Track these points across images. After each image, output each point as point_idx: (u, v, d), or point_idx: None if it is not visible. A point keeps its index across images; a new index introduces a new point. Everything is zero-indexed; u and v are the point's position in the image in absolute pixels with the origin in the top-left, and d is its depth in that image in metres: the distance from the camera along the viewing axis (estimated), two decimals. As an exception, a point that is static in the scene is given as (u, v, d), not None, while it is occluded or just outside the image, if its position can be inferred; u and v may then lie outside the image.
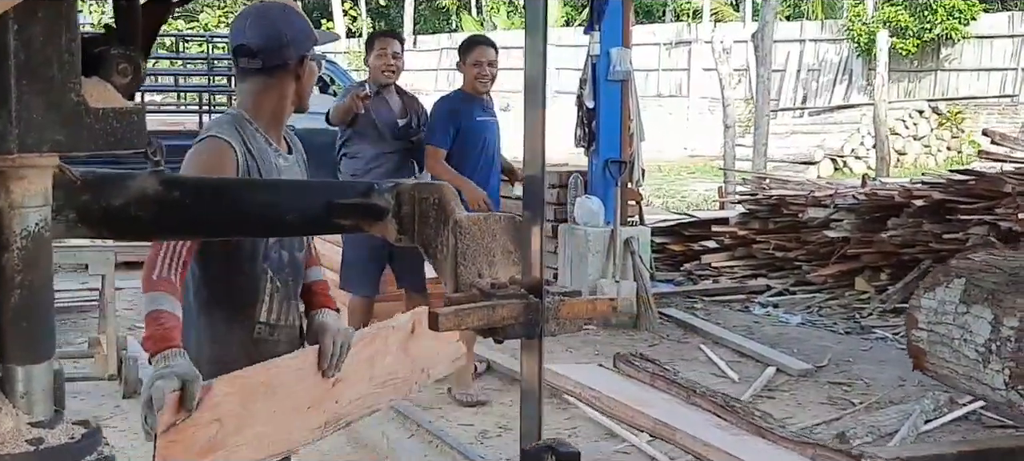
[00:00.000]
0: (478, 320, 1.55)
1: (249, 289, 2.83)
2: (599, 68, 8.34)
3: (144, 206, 1.71)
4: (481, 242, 1.70)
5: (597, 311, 1.61)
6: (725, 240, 10.46)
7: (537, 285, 1.55)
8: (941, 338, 2.85)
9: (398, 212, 1.77)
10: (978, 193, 8.14)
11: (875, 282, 8.99)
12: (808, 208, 9.66)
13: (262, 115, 2.83)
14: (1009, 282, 2.72)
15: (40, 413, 1.25)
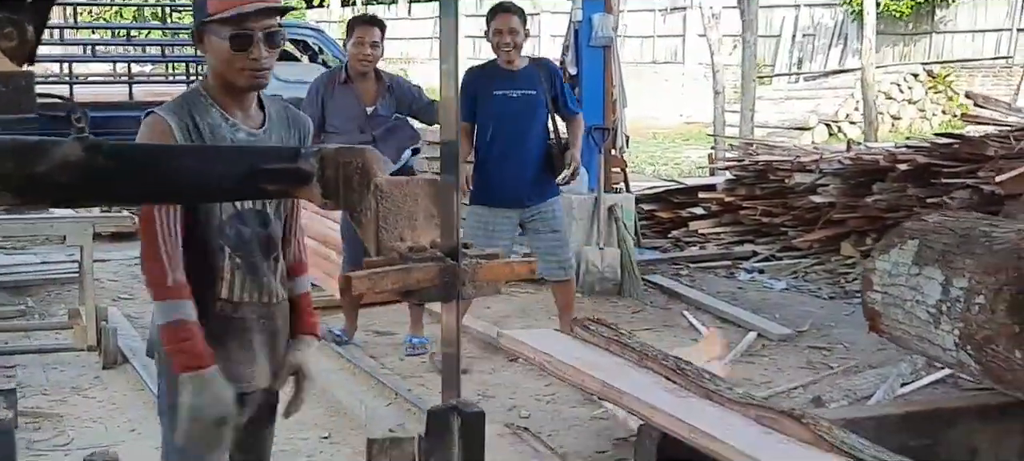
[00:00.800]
0: (393, 283, 1.56)
1: (207, 266, 2.79)
2: (581, 34, 8.33)
3: (68, 172, 1.71)
4: (403, 206, 1.71)
5: (515, 273, 1.62)
6: (712, 207, 10.49)
7: (454, 248, 1.56)
8: (894, 300, 2.88)
9: (322, 176, 1.77)
10: (962, 156, 8.15)
11: (860, 247, 9.01)
12: (794, 174, 9.69)
13: (214, 89, 2.79)
14: (959, 243, 2.74)
15: None
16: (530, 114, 6.48)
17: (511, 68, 6.46)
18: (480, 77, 6.54)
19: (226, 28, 2.68)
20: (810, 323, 7.44)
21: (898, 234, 2.93)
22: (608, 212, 8.46)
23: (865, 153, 9.59)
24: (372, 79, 6.63)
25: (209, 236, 2.76)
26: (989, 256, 2.64)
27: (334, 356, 6.46)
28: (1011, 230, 2.70)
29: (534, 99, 6.46)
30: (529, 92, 6.46)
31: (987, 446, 2.66)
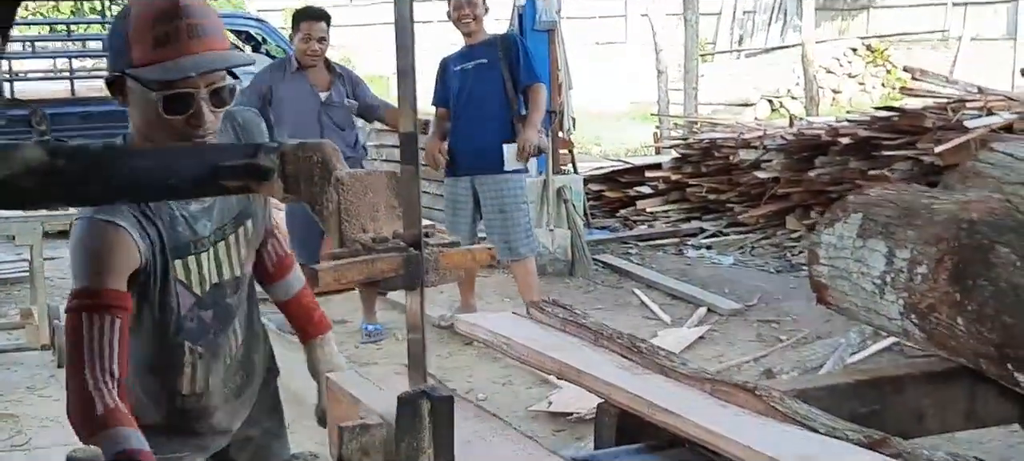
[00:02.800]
0: (358, 274, 1.58)
1: (168, 363, 2.46)
2: (525, 18, 8.36)
3: (30, 176, 1.71)
4: (363, 198, 1.74)
5: (476, 261, 1.66)
6: (659, 185, 10.57)
7: (417, 238, 1.59)
8: (840, 272, 2.93)
9: (283, 171, 1.79)
10: (902, 129, 8.27)
11: (805, 220, 9.12)
12: (739, 150, 9.78)
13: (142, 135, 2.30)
14: (901, 215, 2.80)
15: None
16: (483, 86, 6.52)
17: (471, 42, 6.56)
18: (448, 59, 6.64)
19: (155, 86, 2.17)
20: (759, 297, 7.54)
21: (842, 208, 2.99)
22: (557, 194, 8.51)
23: (807, 128, 9.71)
24: (322, 68, 6.65)
25: (166, 334, 2.42)
26: (930, 227, 2.70)
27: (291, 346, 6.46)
28: (950, 201, 2.76)
29: (486, 69, 6.51)
30: (481, 62, 6.52)
31: (933, 411, 2.72)
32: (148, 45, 2.15)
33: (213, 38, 2.19)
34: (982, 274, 2.55)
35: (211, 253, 2.42)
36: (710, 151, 10.20)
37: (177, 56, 2.15)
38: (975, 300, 2.55)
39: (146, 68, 2.16)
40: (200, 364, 2.48)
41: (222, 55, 2.22)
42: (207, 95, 2.20)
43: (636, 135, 17.94)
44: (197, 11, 2.18)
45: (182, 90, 2.17)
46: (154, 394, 2.50)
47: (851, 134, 8.65)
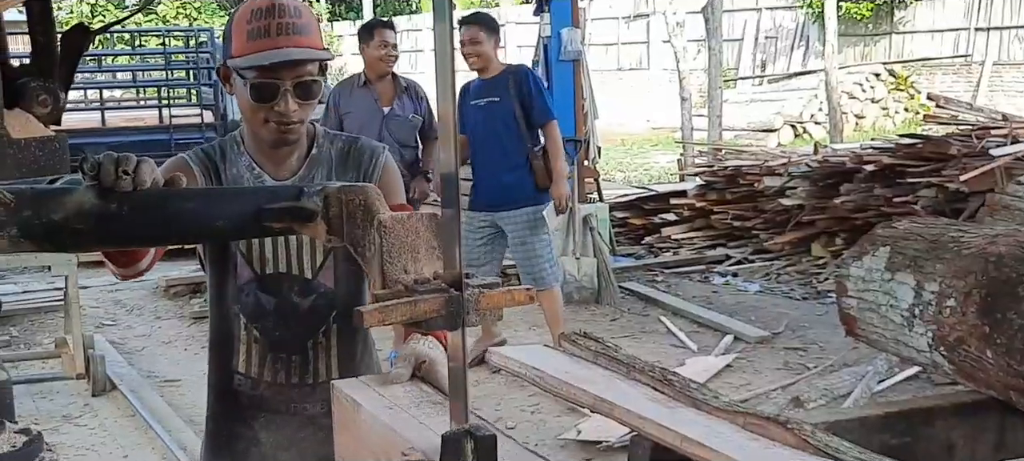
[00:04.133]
0: (401, 315, 1.60)
1: (225, 333, 2.54)
2: (551, 49, 8.41)
3: (83, 219, 1.75)
4: (405, 240, 1.76)
5: (515, 300, 1.67)
6: (684, 212, 10.56)
7: (458, 279, 1.61)
8: (869, 305, 2.94)
9: (326, 214, 1.82)
10: (926, 156, 8.26)
11: (830, 247, 9.12)
12: (763, 177, 9.77)
13: (246, 135, 2.51)
14: (929, 249, 2.80)
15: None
16: (497, 123, 6.53)
17: (484, 77, 6.59)
18: (467, 87, 6.65)
19: (250, 73, 2.34)
20: (785, 324, 7.53)
21: (870, 241, 2.99)
22: (583, 222, 8.52)
23: (832, 155, 9.70)
24: (389, 81, 6.72)
25: (226, 301, 2.51)
26: (958, 260, 2.71)
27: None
28: (978, 235, 2.77)
29: (498, 107, 6.53)
30: (493, 99, 6.55)
31: (963, 442, 2.71)
32: (244, 38, 2.35)
33: (301, 35, 2.35)
34: (1011, 307, 2.55)
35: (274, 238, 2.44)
36: (735, 178, 10.19)
37: (265, 49, 2.32)
38: (1004, 333, 2.55)
39: (240, 58, 2.35)
40: (255, 348, 2.51)
41: (303, 51, 2.35)
42: (292, 87, 2.35)
43: (659, 161, 17.94)
44: (289, 10, 2.35)
45: (268, 80, 2.34)
46: (216, 372, 2.58)
47: (875, 161, 8.65)
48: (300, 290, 2.50)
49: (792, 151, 11.51)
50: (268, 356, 2.51)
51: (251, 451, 2.56)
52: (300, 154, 2.53)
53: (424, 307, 1.60)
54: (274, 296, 2.49)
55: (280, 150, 2.48)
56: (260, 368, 2.52)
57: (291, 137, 2.44)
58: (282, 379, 2.52)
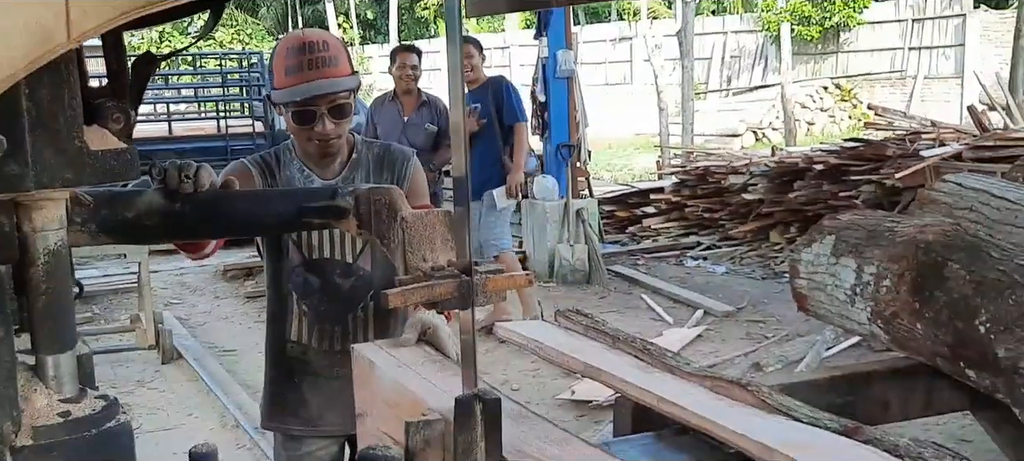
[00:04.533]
0: (420, 297, 1.60)
1: (279, 308, 2.60)
2: (548, 68, 8.39)
3: (151, 217, 1.76)
4: (423, 234, 1.77)
5: (516, 284, 1.67)
6: (661, 206, 10.55)
7: (468, 266, 1.61)
8: (817, 285, 2.94)
9: (357, 211, 1.83)
10: (866, 157, 8.25)
11: (786, 235, 9.10)
12: (728, 176, 9.76)
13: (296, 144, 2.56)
14: (868, 237, 2.80)
15: (67, 391, 1.31)
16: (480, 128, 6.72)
17: (472, 88, 6.73)
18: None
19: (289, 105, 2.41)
20: (747, 300, 7.53)
21: (818, 231, 2.99)
22: (576, 215, 8.52)
23: (786, 157, 9.68)
24: (413, 95, 6.78)
25: (280, 281, 2.58)
26: (892, 247, 2.71)
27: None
28: (910, 225, 2.77)
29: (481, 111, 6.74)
30: (477, 106, 6.73)
31: (897, 401, 2.72)
32: (282, 74, 2.41)
33: (330, 67, 2.39)
34: (937, 287, 2.55)
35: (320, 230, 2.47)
36: (704, 176, 10.19)
37: (299, 83, 2.38)
38: (932, 308, 2.55)
39: (280, 91, 2.42)
40: (305, 320, 2.55)
41: (332, 82, 2.40)
42: (326, 110, 2.41)
43: (641, 162, 17.91)
44: (318, 46, 2.39)
45: (305, 108, 2.40)
46: (272, 340, 2.62)
47: (824, 162, 8.64)
48: (342, 272, 2.54)
49: (753, 153, 11.48)
50: (315, 327, 2.56)
51: (301, 408, 2.61)
52: (342, 159, 2.58)
53: (440, 290, 1.60)
54: (320, 277, 2.54)
55: (324, 159, 2.54)
56: (308, 337, 2.57)
57: (331, 150, 2.50)
58: (326, 346, 2.57)
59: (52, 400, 1.28)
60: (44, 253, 1.26)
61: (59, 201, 1.26)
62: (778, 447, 1.92)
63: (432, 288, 1.61)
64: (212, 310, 8.10)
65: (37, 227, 1.24)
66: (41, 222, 1.24)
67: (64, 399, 1.29)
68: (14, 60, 1.04)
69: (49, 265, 1.27)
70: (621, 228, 10.70)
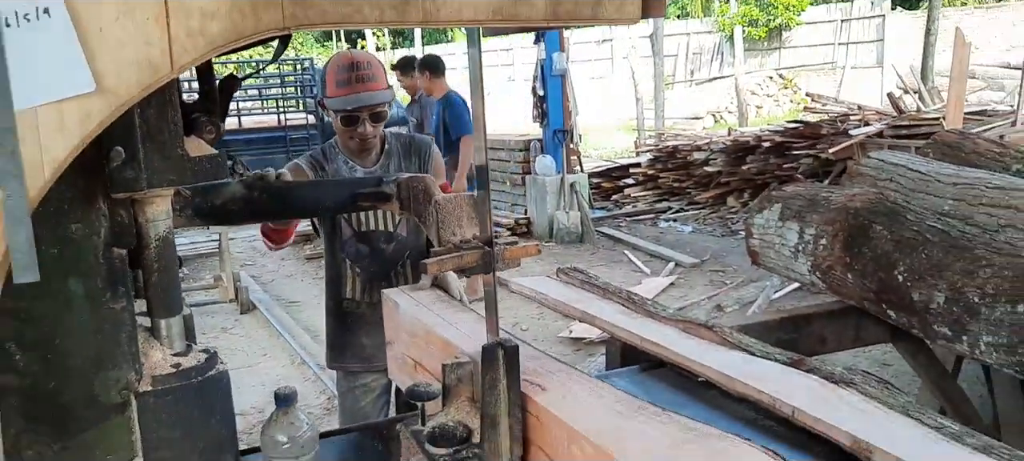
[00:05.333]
0: (452, 265, 1.61)
1: (336, 273, 2.65)
2: (546, 67, 8.36)
3: (235, 203, 1.77)
4: (453, 213, 1.77)
5: (528, 253, 1.68)
6: (639, 177, 10.53)
7: (490, 239, 1.62)
8: (768, 244, 2.95)
9: (399, 196, 1.85)
10: (805, 135, 8.22)
11: (740, 199, 9.10)
12: (693, 152, 9.73)
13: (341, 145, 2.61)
14: (808, 205, 2.81)
15: (177, 347, 1.32)
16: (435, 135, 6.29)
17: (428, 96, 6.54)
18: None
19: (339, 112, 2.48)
20: (710, 254, 7.54)
21: (767, 199, 3.00)
22: (570, 187, 8.52)
23: (740, 136, 9.65)
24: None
25: (335, 250, 2.63)
26: (828, 212, 2.72)
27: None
28: (841, 195, 2.77)
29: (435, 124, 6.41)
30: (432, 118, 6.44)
31: (832, 336, 2.74)
32: (334, 85, 2.47)
33: (372, 82, 2.47)
34: (864, 244, 2.57)
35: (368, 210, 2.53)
36: (674, 153, 10.16)
37: (347, 94, 2.44)
38: (859, 262, 2.57)
39: (331, 99, 2.48)
40: (358, 280, 2.61)
41: (373, 95, 2.47)
42: (367, 117, 2.48)
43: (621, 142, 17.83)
44: (363, 65, 2.46)
45: (351, 114, 2.46)
46: (331, 299, 2.67)
47: (771, 140, 8.61)
48: (385, 240, 2.60)
49: (712, 133, 11.43)
50: (366, 286, 2.61)
51: (357, 350, 2.68)
52: (377, 151, 2.62)
53: (467, 259, 1.61)
54: (368, 245, 2.59)
55: (362, 154, 2.58)
56: (361, 294, 2.63)
57: (369, 146, 2.55)
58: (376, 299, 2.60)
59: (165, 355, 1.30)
60: (155, 239, 1.27)
61: (166, 197, 1.27)
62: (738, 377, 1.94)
63: (461, 257, 1.63)
64: (279, 269, 8.14)
65: (149, 218, 1.26)
66: (152, 214, 1.26)
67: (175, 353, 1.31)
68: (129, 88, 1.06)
69: (159, 248, 1.28)
70: (606, 196, 10.69)
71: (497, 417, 1.49)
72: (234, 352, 5.55)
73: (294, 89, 14.02)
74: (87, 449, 1.21)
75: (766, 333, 2.51)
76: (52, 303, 1.17)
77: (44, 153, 1.03)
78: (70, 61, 1.01)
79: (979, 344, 2.20)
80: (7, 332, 1.13)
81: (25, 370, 1.16)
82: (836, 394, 1.84)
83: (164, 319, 1.31)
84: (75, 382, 1.20)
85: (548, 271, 6.38)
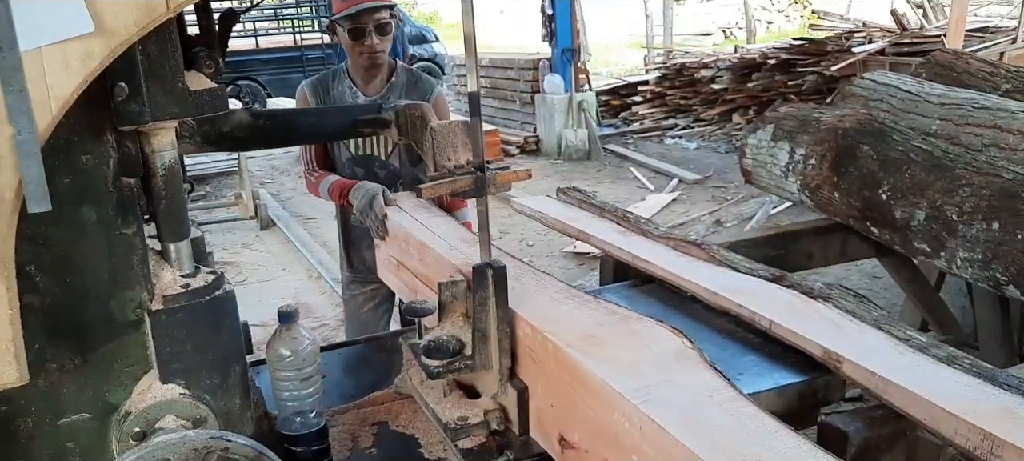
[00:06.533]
0: (446, 189, 1.63)
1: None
2: (554, -13, 8.24)
3: (241, 130, 1.79)
4: (448, 140, 1.78)
5: (519, 177, 1.70)
6: (647, 95, 10.45)
7: (482, 164, 1.64)
8: (760, 163, 2.97)
9: (397, 122, 1.87)
10: (810, 53, 8.10)
11: (746, 117, 9.04)
12: (700, 70, 9.63)
13: (349, 66, 2.63)
14: (799, 126, 2.81)
15: (186, 269, 1.37)
16: None
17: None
18: None
19: (346, 23, 2.50)
20: (713, 170, 7.54)
21: (761, 120, 3.00)
22: (577, 105, 8.48)
23: (746, 54, 9.52)
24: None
25: (337, 172, 2.69)
26: (818, 133, 2.72)
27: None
28: (831, 115, 2.77)
29: None
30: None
31: (818, 252, 2.77)
32: (340, 1, 2.51)
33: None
34: (851, 164, 2.57)
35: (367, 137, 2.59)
36: (681, 71, 10.05)
37: (353, 4, 2.48)
38: (846, 181, 2.58)
39: (338, 13, 2.51)
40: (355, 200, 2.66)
41: (375, 3, 2.49)
42: (373, 27, 2.50)
43: (631, 59, 17.61)
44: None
45: (357, 26, 2.48)
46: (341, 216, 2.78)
47: (776, 57, 8.50)
48: (379, 165, 2.66)
49: (720, 51, 11.27)
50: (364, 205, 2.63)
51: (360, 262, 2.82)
52: (382, 78, 2.63)
53: (461, 184, 1.63)
54: (363, 168, 2.64)
55: (370, 72, 2.58)
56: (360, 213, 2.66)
57: (378, 61, 2.56)
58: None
59: (175, 275, 1.36)
60: (161, 168, 1.31)
61: (169, 129, 1.31)
62: (720, 292, 1.99)
63: (454, 181, 1.65)
64: (297, 187, 8.21)
65: (155, 149, 1.30)
66: (157, 145, 1.30)
67: (184, 275, 1.36)
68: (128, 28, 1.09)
69: (166, 176, 1.32)
70: (614, 114, 10.64)
71: (487, 332, 1.55)
72: (254, 266, 5.65)
73: (309, 9, 13.87)
74: (106, 362, 1.28)
75: (755, 250, 2.53)
76: (67, 229, 1.23)
77: (50, 91, 1.06)
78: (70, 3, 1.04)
79: (956, 260, 2.23)
80: (28, 256, 1.19)
81: (46, 291, 1.22)
82: (812, 308, 1.88)
83: (173, 243, 1.36)
84: (92, 301, 1.26)
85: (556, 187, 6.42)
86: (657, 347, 1.36)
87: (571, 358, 1.34)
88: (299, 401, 1.53)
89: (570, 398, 1.35)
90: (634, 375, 1.25)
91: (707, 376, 1.26)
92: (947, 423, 1.40)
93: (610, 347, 1.36)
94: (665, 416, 1.14)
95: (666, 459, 1.10)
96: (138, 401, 1.30)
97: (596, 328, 1.43)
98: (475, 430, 1.57)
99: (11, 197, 1.07)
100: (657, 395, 1.19)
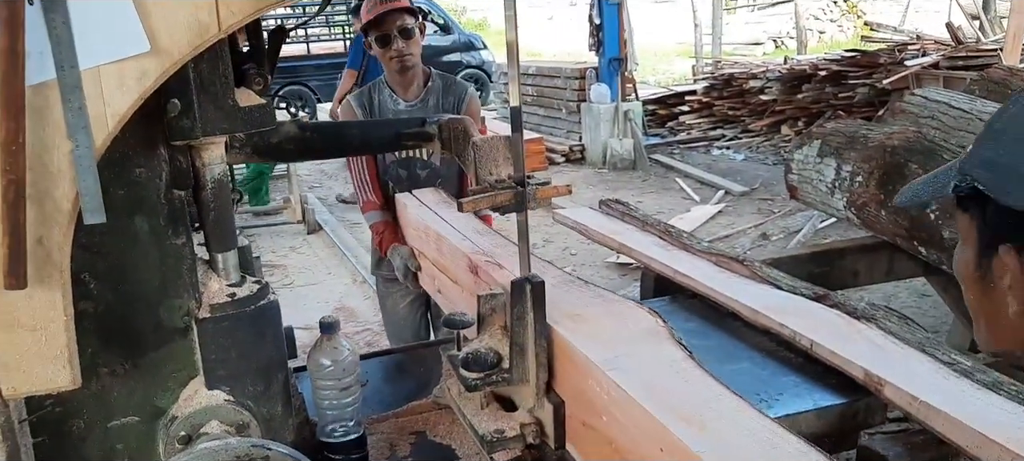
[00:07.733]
0: (487, 203, 1.65)
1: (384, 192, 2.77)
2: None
3: (290, 141, 1.83)
4: (490, 154, 1.79)
5: (560, 193, 1.71)
6: (694, 105, 10.37)
7: (523, 179, 1.65)
8: (806, 179, 2.93)
9: (441, 136, 1.89)
10: (862, 64, 7.96)
11: (795, 128, 8.91)
12: (749, 80, 9.52)
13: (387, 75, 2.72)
14: (847, 142, 2.78)
15: (233, 279, 1.41)
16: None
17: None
18: None
19: (372, 31, 2.60)
20: (760, 182, 7.45)
21: (808, 136, 2.97)
22: (624, 115, 8.45)
23: (797, 65, 9.39)
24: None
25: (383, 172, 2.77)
26: (865, 150, 2.69)
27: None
28: (880, 132, 2.73)
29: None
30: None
31: (864, 270, 2.73)
32: (366, 12, 2.63)
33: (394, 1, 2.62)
34: (899, 181, 2.54)
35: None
36: (729, 81, 9.95)
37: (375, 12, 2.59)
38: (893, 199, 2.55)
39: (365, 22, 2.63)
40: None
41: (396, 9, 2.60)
42: (397, 32, 2.59)
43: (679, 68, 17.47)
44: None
45: (382, 33, 2.59)
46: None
47: (827, 68, 8.37)
48: (421, 166, 2.76)
49: (769, 62, 11.13)
50: None
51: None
52: (419, 83, 2.74)
53: (502, 198, 1.65)
54: (406, 170, 2.75)
55: (404, 77, 2.69)
56: None
57: (408, 64, 2.65)
58: None
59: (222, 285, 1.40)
60: (211, 181, 1.36)
61: (219, 143, 1.35)
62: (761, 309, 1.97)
63: (495, 196, 1.67)
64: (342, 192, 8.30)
65: (205, 163, 1.34)
66: (208, 159, 1.34)
67: (231, 284, 1.40)
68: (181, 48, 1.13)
69: (215, 189, 1.37)
70: (661, 123, 10.57)
71: (524, 346, 1.56)
72: (301, 270, 5.74)
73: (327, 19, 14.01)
74: (154, 368, 1.32)
75: (798, 267, 2.51)
76: (120, 239, 1.27)
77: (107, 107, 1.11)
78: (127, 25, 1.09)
79: (1006, 283, 2.18)
80: (82, 265, 1.24)
81: (99, 298, 1.27)
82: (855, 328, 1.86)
83: (220, 253, 1.40)
84: (142, 309, 1.31)
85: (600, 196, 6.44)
86: (634, 326, 1.51)
87: (558, 333, 1.50)
88: (338, 410, 1.56)
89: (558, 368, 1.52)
90: (607, 347, 1.40)
91: (671, 349, 1.40)
92: (990, 450, 1.37)
93: (591, 324, 1.51)
94: (628, 381, 1.28)
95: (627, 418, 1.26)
96: (184, 406, 1.35)
97: (582, 308, 1.59)
98: (511, 443, 1.58)
99: (68, 208, 1.12)
100: (623, 364, 1.34)
